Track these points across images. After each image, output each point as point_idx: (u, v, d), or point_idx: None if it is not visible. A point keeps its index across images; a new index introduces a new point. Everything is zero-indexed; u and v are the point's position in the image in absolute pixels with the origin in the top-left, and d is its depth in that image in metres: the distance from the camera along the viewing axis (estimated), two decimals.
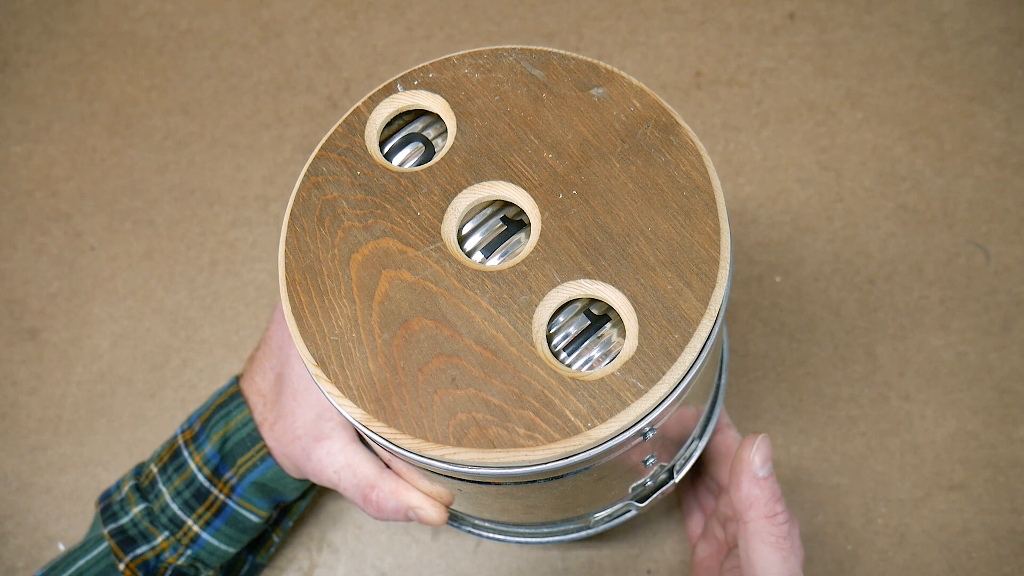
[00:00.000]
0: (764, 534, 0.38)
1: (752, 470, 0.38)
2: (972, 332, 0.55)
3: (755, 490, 0.38)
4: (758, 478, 0.38)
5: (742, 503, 0.38)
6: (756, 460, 0.38)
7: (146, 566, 0.44)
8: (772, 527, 0.38)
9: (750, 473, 0.38)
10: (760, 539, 0.38)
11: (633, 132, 0.34)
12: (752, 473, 0.38)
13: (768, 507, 0.38)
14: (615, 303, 0.32)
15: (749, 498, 0.38)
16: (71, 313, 0.59)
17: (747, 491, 0.38)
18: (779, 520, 0.38)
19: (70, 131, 0.64)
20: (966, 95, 0.60)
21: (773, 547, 0.38)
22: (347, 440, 0.41)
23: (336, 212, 0.34)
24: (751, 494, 0.38)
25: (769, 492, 0.38)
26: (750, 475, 0.38)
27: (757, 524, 0.38)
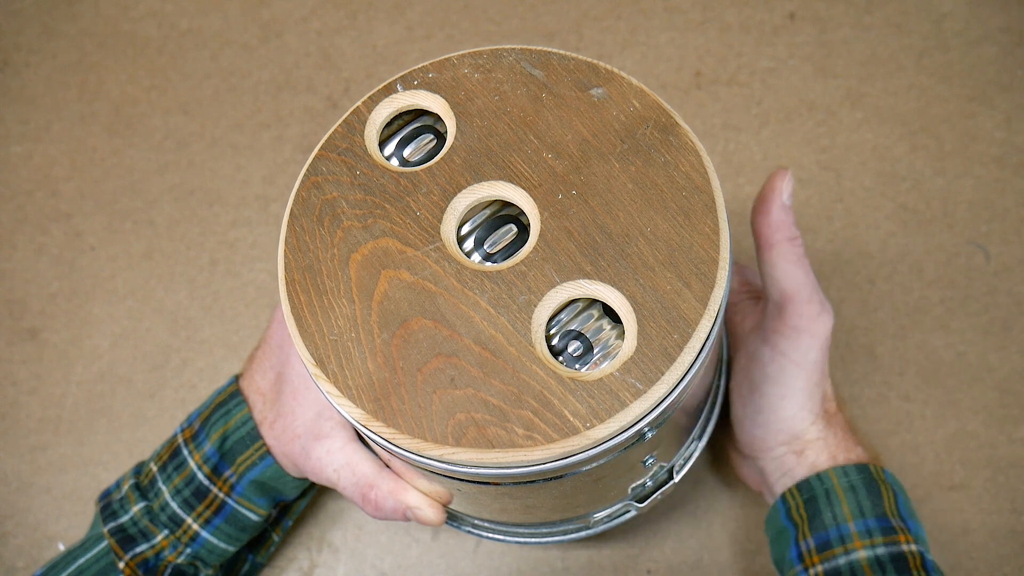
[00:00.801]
0: (788, 254, 0.42)
1: (782, 198, 0.42)
2: (972, 332, 0.55)
3: (782, 215, 0.42)
4: (785, 205, 0.42)
5: (770, 227, 0.42)
6: (786, 190, 0.42)
7: (146, 564, 0.44)
8: (795, 247, 0.43)
9: (780, 200, 0.42)
10: (785, 259, 0.42)
11: (633, 132, 0.34)
12: (781, 200, 0.42)
13: (791, 230, 0.42)
14: (614, 303, 0.32)
15: (777, 222, 0.42)
16: (71, 313, 0.59)
17: (776, 215, 0.42)
18: (798, 242, 0.43)
19: (70, 131, 0.64)
20: (966, 95, 0.60)
21: (797, 264, 0.43)
22: (346, 439, 0.41)
23: (336, 212, 0.34)
24: (779, 218, 0.42)
25: (791, 218, 0.42)
26: (780, 202, 0.42)
27: (782, 246, 0.42)
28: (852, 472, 0.44)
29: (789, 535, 0.44)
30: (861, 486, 0.43)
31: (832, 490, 0.43)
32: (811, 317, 0.43)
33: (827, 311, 0.43)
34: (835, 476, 0.44)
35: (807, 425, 0.44)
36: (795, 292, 0.43)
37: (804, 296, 0.43)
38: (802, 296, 0.43)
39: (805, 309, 0.43)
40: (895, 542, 0.42)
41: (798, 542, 0.44)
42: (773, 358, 0.44)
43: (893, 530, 0.42)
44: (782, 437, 0.45)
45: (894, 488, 0.44)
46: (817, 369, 0.44)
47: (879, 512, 0.43)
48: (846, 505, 0.43)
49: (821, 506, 0.43)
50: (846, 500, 0.43)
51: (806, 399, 0.44)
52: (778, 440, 0.45)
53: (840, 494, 0.43)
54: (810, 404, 0.44)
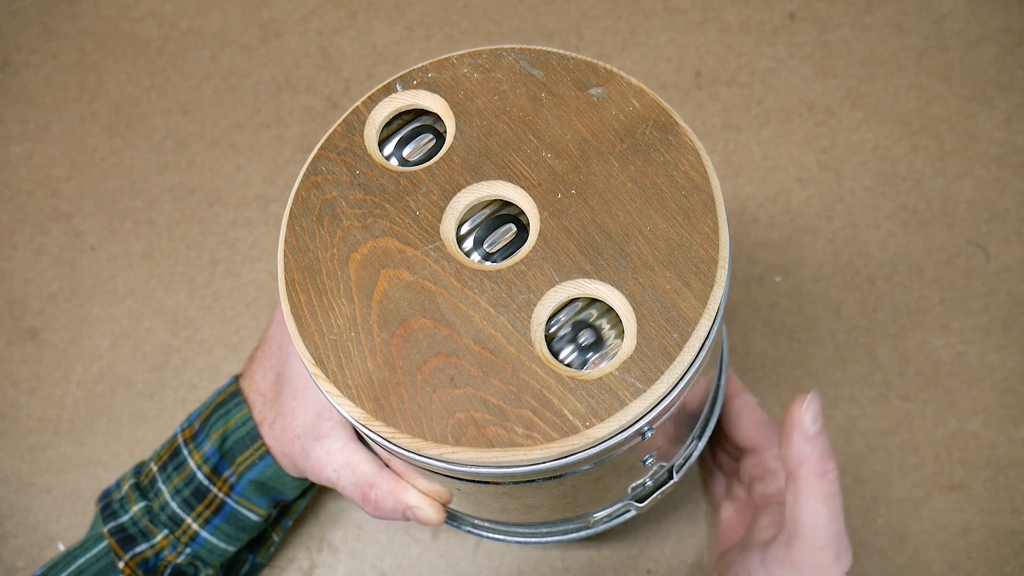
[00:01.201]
0: (815, 491, 0.38)
1: (803, 428, 0.38)
2: (972, 332, 0.55)
3: (806, 448, 0.38)
4: (809, 436, 0.38)
5: (793, 461, 0.38)
6: (807, 418, 0.38)
7: (145, 564, 0.44)
8: (824, 484, 0.38)
9: (801, 431, 0.38)
10: (811, 495, 0.38)
11: (632, 132, 0.34)
12: (803, 431, 0.38)
13: (819, 464, 0.38)
14: (614, 303, 0.32)
15: (800, 456, 0.38)
16: (71, 313, 0.59)
17: (798, 449, 0.38)
18: (830, 478, 0.38)
19: (70, 131, 0.64)
20: (966, 95, 0.60)
21: (823, 503, 0.38)
22: (346, 439, 0.41)
23: (335, 212, 0.34)
24: (802, 452, 0.38)
25: (820, 449, 0.38)
26: (801, 433, 0.38)
27: (808, 481, 0.38)
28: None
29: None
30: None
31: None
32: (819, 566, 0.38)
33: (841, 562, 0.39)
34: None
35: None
36: (810, 534, 0.38)
37: (819, 541, 0.38)
38: (817, 541, 0.38)
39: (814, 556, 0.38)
40: None
41: None
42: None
43: None
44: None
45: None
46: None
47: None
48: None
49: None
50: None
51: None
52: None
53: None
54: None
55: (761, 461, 0.47)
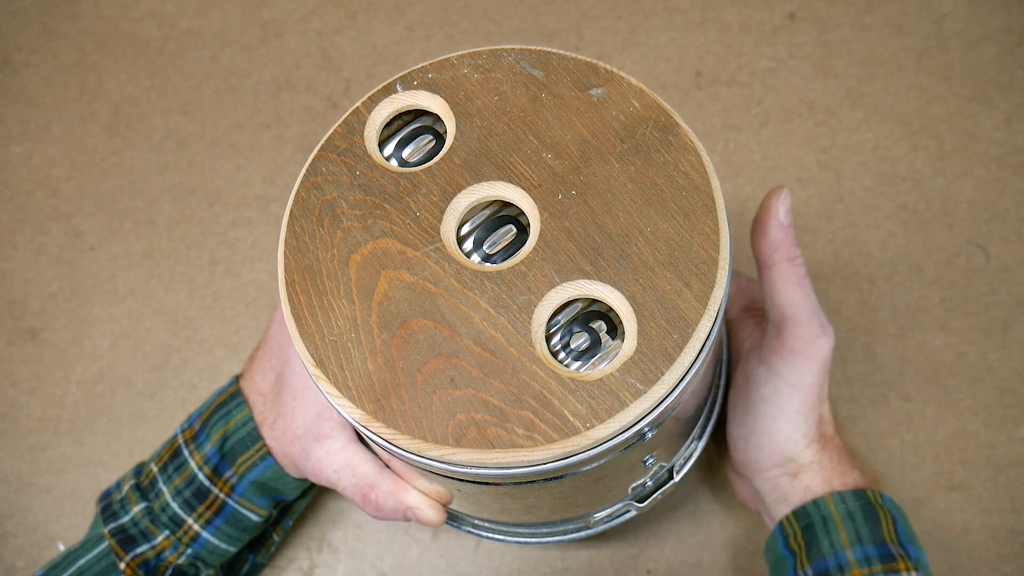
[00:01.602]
0: (788, 274, 0.41)
1: (778, 217, 0.41)
2: (972, 332, 0.55)
3: (780, 234, 0.41)
4: (783, 224, 0.41)
5: (768, 247, 0.41)
6: (781, 209, 0.41)
7: (146, 565, 0.44)
8: (794, 267, 0.41)
9: (776, 220, 0.41)
10: (785, 279, 0.41)
11: (632, 132, 0.34)
12: (778, 220, 0.41)
13: (790, 250, 0.41)
14: (614, 303, 0.32)
15: (775, 242, 0.41)
16: (71, 313, 0.59)
17: (774, 235, 0.41)
18: (799, 262, 0.42)
19: (70, 131, 0.64)
20: (966, 95, 0.60)
21: (797, 284, 0.42)
22: (346, 440, 0.41)
23: (335, 212, 0.34)
24: (776, 238, 0.41)
25: (791, 237, 0.41)
26: (776, 221, 0.41)
27: (781, 267, 0.41)
28: (849, 498, 0.43)
29: (787, 564, 0.44)
30: (859, 513, 0.43)
31: (829, 517, 0.43)
32: (809, 339, 0.42)
33: (827, 334, 0.43)
34: (832, 503, 0.43)
35: (801, 448, 0.44)
36: (794, 313, 0.42)
37: (803, 318, 0.42)
38: (800, 318, 0.42)
39: (803, 331, 0.42)
40: (894, 570, 0.41)
41: (796, 571, 0.43)
42: (769, 379, 0.43)
43: (892, 557, 0.42)
44: (776, 459, 0.44)
45: (893, 514, 0.44)
46: (813, 392, 0.43)
47: (878, 539, 0.42)
48: (844, 533, 0.42)
49: (818, 534, 0.43)
50: (843, 527, 0.43)
51: (800, 422, 0.43)
52: (772, 462, 0.45)
53: (837, 521, 0.43)
54: (804, 427, 0.44)
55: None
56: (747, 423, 0.45)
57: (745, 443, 0.45)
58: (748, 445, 0.45)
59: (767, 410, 0.44)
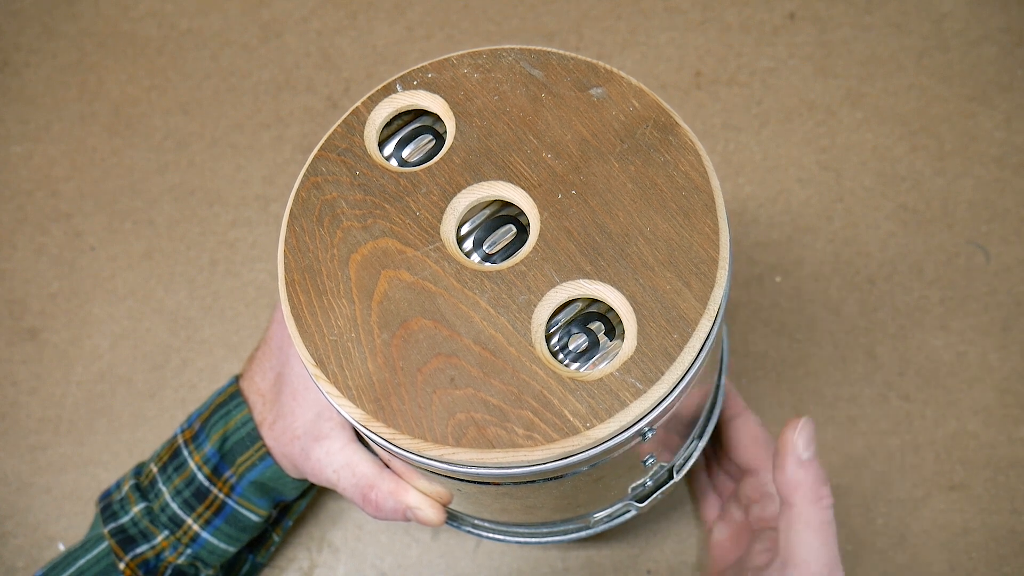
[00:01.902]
0: (808, 518, 0.38)
1: (796, 453, 0.38)
2: (972, 332, 0.55)
3: (800, 473, 0.38)
4: (803, 461, 0.38)
5: (787, 487, 0.38)
6: (800, 443, 0.38)
7: (146, 565, 0.44)
8: (818, 511, 0.38)
9: (795, 456, 0.38)
10: (804, 523, 0.38)
11: (632, 132, 0.34)
12: (797, 456, 0.38)
13: (814, 491, 0.38)
14: (614, 303, 0.32)
15: (794, 482, 0.38)
16: (71, 313, 0.59)
17: (792, 474, 0.38)
18: (824, 504, 0.38)
19: (70, 131, 0.64)
20: (966, 95, 0.60)
21: (816, 531, 0.38)
22: (346, 440, 0.41)
23: (335, 212, 0.34)
24: (795, 478, 0.38)
25: (814, 475, 0.38)
26: (795, 458, 0.38)
27: (802, 508, 0.38)
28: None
29: None
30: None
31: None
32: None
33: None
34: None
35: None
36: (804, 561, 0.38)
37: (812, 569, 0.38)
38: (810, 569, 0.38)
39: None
40: None
41: None
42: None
43: None
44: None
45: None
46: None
47: None
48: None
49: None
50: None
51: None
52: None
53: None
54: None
55: (759, 483, 0.46)
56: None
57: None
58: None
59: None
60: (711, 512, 0.51)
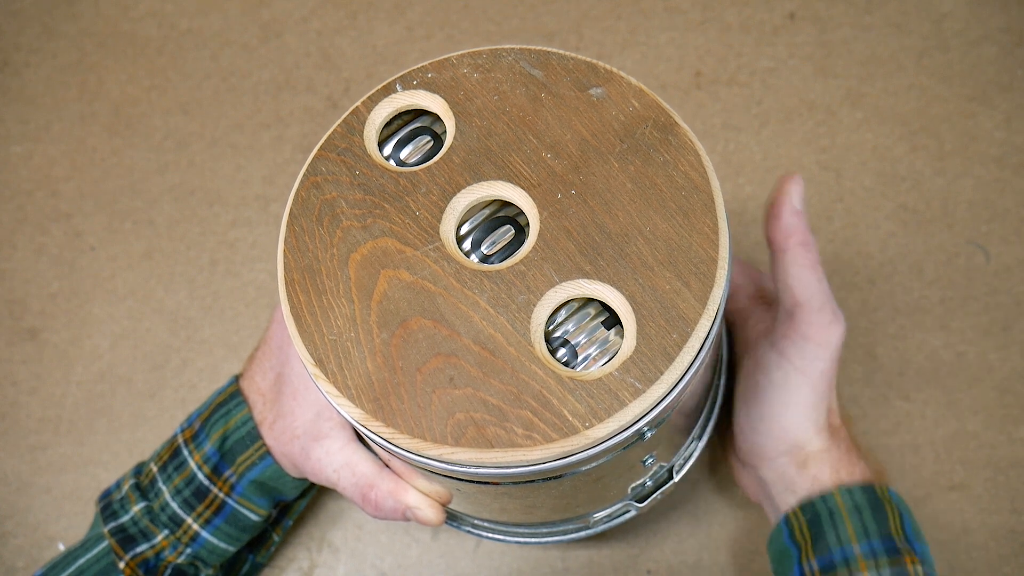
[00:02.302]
0: (801, 259, 0.42)
1: (792, 202, 0.42)
2: (972, 332, 0.55)
3: (794, 220, 0.42)
4: (796, 210, 0.42)
5: (782, 232, 0.42)
6: (795, 195, 0.42)
7: (146, 564, 0.44)
8: (808, 253, 0.42)
9: (790, 205, 0.42)
10: (799, 264, 0.42)
11: (632, 132, 0.34)
12: (792, 205, 0.42)
13: (804, 235, 0.42)
14: (613, 303, 0.32)
15: (789, 227, 0.42)
16: (71, 313, 0.59)
17: (787, 221, 0.42)
18: (812, 247, 0.42)
19: (70, 131, 0.64)
20: (966, 95, 0.60)
21: (810, 269, 0.42)
22: (346, 440, 0.41)
23: (335, 212, 0.34)
24: (790, 223, 0.42)
25: (804, 223, 0.42)
26: (790, 207, 0.42)
27: (795, 251, 0.42)
28: (857, 492, 0.43)
29: (792, 557, 0.44)
30: (866, 507, 0.43)
31: (836, 511, 0.43)
32: (821, 325, 0.42)
33: (839, 321, 0.43)
34: (839, 496, 0.43)
35: (810, 436, 0.44)
36: (807, 299, 0.42)
37: (816, 304, 0.42)
38: (813, 304, 0.42)
39: (816, 317, 0.42)
40: (900, 564, 0.41)
41: (801, 564, 0.43)
42: (779, 364, 0.43)
43: (898, 552, 0.42)
44: (783, 446, 0.44)
45: (900, 508, 0.43)
46: (824, 380, 0.43)
47: (884, 533, 0.42)
48: (850, 526, 0.42)
49: (825, 527, 0.43)
50: (850, 521, 0.42)
51: (810, 409, 0.43)
52: (779, 449, 0.44)
53: (844, 515, 0.43)
54: (814, 415, 0.43)
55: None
56: (756, 409, 0.45)
57: (753, 430, 0.45)
58: (756, 432, 0.45)
59: (777, 396, 0.44)
60: None
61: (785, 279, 0.42)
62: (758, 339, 0.46)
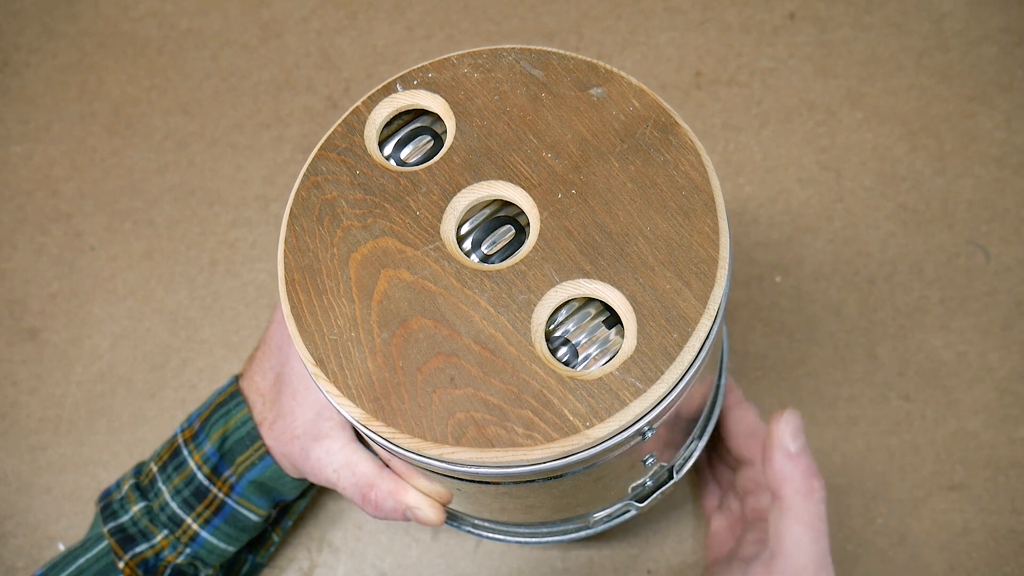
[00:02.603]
0: (798, 511, 0.37)
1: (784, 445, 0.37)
2: (972, 332, 0.55)
3: (788, 466, 0.37)
4: (790, 453, 0.37)
5: (776, 479, 0.37)
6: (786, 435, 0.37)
7: (145, 564, 0.44)
8: (808, 504, 0.37)
9: (782, 449, 0.37)
10: (793, 516, 0.37)
11: (632, 132, 0.34)
12: (784, 449, 0.37)
13: (804, 483, 0.37)
14: (614, 303, 0.32)
15: (782, 474, 0.37)
16: (71, 313, 0.59)
17: (780, 467, 0.37)
18: (816, 498, 0.37)
19: (70, 131, 0.64)
20: (966, 95, 0.60)
21: (806, 525, 0.37)
22: (346, 439, 0.41)
23: (335, 212, 0.34)
24: (784, 470, 0.37)
25: (803, 467, 0.37)
26: (782, 451, 0.37)
27: (792, 500, 0.37)
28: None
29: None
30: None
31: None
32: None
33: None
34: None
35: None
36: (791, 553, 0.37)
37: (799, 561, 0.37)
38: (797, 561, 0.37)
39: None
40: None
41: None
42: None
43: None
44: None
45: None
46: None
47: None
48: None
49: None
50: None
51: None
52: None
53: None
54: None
55: (755, 474, 0.46)
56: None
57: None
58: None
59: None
60: (711, 502, 0.51)
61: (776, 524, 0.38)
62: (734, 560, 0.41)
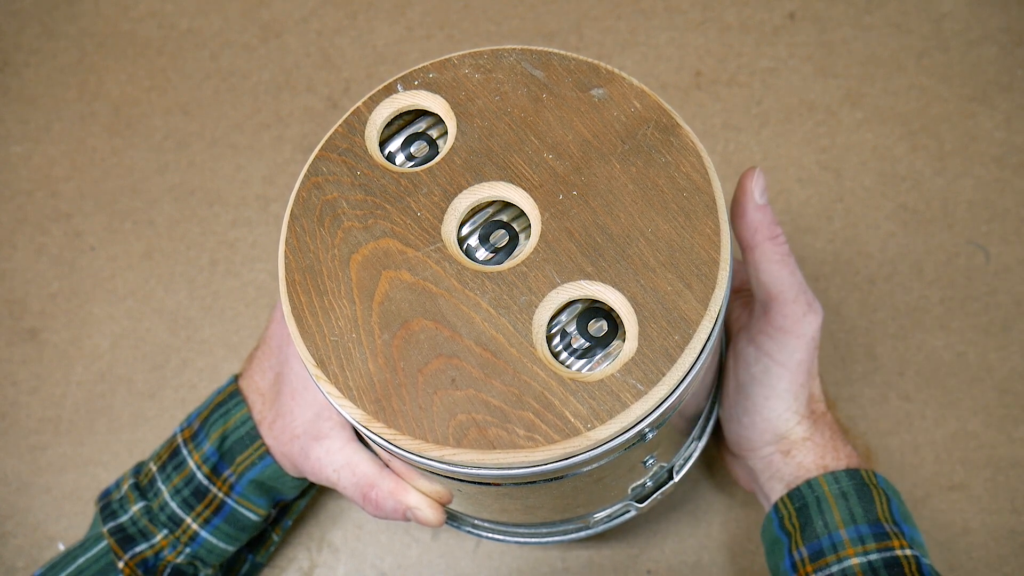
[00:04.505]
0: (770, 254, 0.42)
1: (754, 199, 0.41)
2: (972, 332, 0.55)
3: (757, 215, 0.41)
4: (759, 205, 0.41)
5: (748, 229, 0.41)
6: (756, 190, 0.41)
7: (145, 564, 0.44)
8: (776, 246, 0.42)
9: (752, 201, 0.41)
10: (768, 259, 0.42)
11: (633, 133, 0.34)
12: (754, 201, 0.41)
13: (770, 229, 0.41)
14: (615, 304, 0.32)
15: (753, 223, 0.41)
16: (71, 313, 0.59)
17: (751, 217, 0.41)
18: (780, 240, 0.42)
19: (70, 131, 0.64)
20: (966, 95, 0.60)
21: (780, 263, 0.42)
22: (346, 439, 0.41)
23: (336, 212, 0.34)
24: (755, 219, 0.41)
25: (770, 216, 0.41)
26: (752, 203, 0.41)
27: (763, 246, 0.42)
28: (843, 478, 0.43)
29: (783, 545, 0.44)
30: (852, 492, 0.43)
31: (823, 497, 0.43)
32: (796, 318, 0.42)
33: (814, 311, 0.43)
34: (825, 483, 0.43)
35: (792, 425, 0.44)
36: (779, 292, 0.42)
37: (789, 296, 0.42)
38: (787, 296, 0.42)
39: (790, 309, 0.42)
40: (889, 547, 0.41)
41: (791, 552, 0.43)
42: (758, 358, 0.44)
43: (886, 535, 0.42)
44: (768, 437, 0.45)
45: (887, 492, 0.44)
46: (802, 370, 0.43)
47: (871, 518, 0.42)
48: (837, 512, 0.43)
49: (812, 514, 0.43)
50: (837, 507, 0.43)
51: (791, 400, 0.44)
52: (764, 440, 0.45)
53: (831, 501, 0.43)
54: (795, 405, 0.44)
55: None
56: (739, 403, 0.45)
57: (738, 423, 0.45)
58: (740, 424, 0.45)
59: (757, 389, 0.44)
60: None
61: (757, 275, 0.42)
62: (737, 333, 0.46)
